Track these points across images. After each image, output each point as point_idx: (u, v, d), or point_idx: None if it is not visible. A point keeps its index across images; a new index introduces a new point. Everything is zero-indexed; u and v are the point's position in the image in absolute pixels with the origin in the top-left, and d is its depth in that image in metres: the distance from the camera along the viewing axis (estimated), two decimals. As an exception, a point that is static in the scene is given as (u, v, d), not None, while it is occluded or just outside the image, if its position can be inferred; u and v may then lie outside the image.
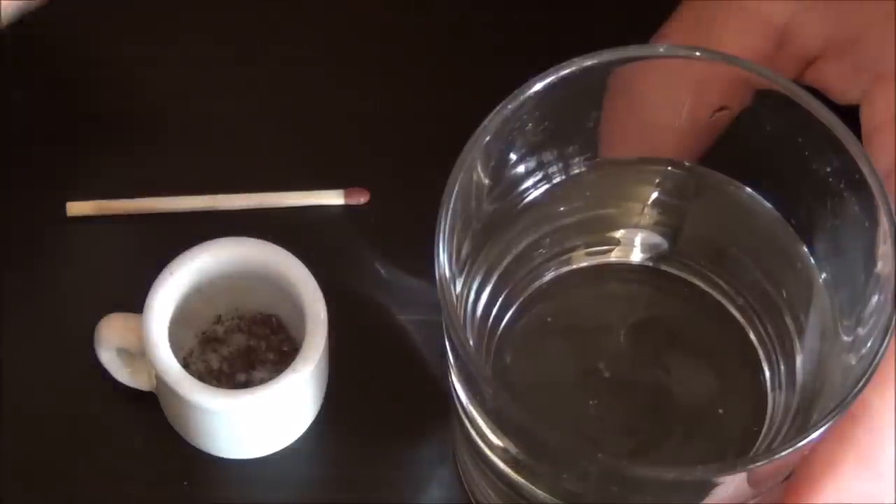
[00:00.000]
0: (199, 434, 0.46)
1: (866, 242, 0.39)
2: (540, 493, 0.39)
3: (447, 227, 0.38)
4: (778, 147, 0.41)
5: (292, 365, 0.43)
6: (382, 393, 0.46)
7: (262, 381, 0.44)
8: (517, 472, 0.39)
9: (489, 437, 0.39)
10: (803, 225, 0.41)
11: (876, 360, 0.36)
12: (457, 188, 0.38)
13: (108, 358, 0.45)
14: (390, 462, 0.46)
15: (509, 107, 0.39)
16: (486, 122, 0.39)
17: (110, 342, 0.45)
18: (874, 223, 0.38)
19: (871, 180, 0.38)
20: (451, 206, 0.38)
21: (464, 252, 0.40)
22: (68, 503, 0.46)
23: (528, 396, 0.37)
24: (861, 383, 0.36)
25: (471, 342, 0.37)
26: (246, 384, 0.46)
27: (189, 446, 0.46)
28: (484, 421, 0.38)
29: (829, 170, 0.40)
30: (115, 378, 0.46)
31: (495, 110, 0.39)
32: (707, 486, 0.36)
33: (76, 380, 0.47)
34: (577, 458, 0.35)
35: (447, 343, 0.38)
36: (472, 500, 0.44)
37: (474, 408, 0.38)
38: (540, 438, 0.35)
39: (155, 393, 0.46)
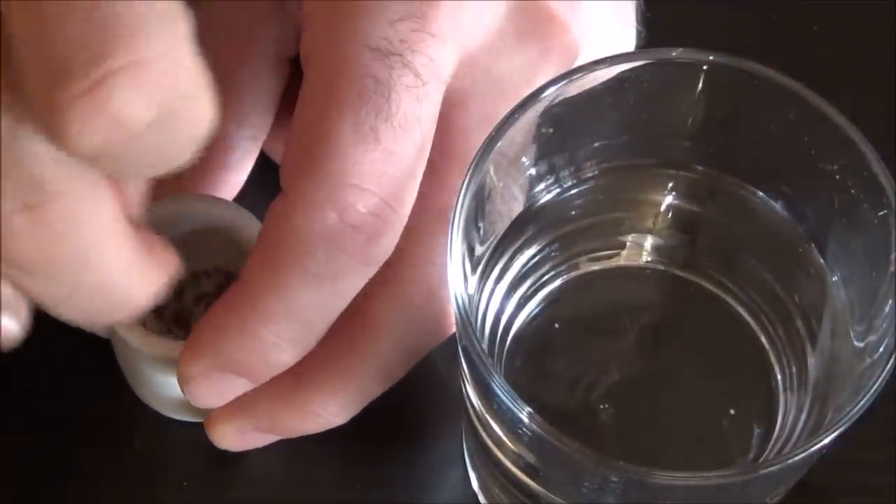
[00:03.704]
0: (136, 383, 0.45)
1: (878, 243, 0.39)
2: (556, 500, 0.39)
3: (460, 228, 0.38)
4: (785, 147, 0.41)
5: None
6: (389, 391, 0.45)
7: None
8: (532, 478, 0.39)
9: (503, 444, 0.39)
10: (814, 227, 0.41)
11: (888, 366, 0.37)
12: (470, 190, 0.38)
13: None
14: (397, 462, 0.46)
15: (522, 111, 0.39)
16: (499, 125, 0.39)
17: None
18: (885, 222, 0.38)
19: (881, 178, 0.38)
20: (464, 208, 0.38)
21: (476, 254, 0.40)
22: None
23: (539, 402, 0.37)
24: (873, 389, 0.36)
25: (484, 347, 0.37)
26: None
27: (189, 446, 0.46)
28: (499, 428, 0.38)
29: (836, 167, 0.40)
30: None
31: (508, 114, 0.39)
32: (725, 488, 0.36)
33: (74, 379, 0.46)
34: (597, 468, 0.35)
35: (459, 348, 0.38)
36: (482, 502, 0.44)
37: (489, 415, 0.38)
38: (558, 448, 0.35)
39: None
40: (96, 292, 0.31)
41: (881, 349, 0.37)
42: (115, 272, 0.31)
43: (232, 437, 0.44)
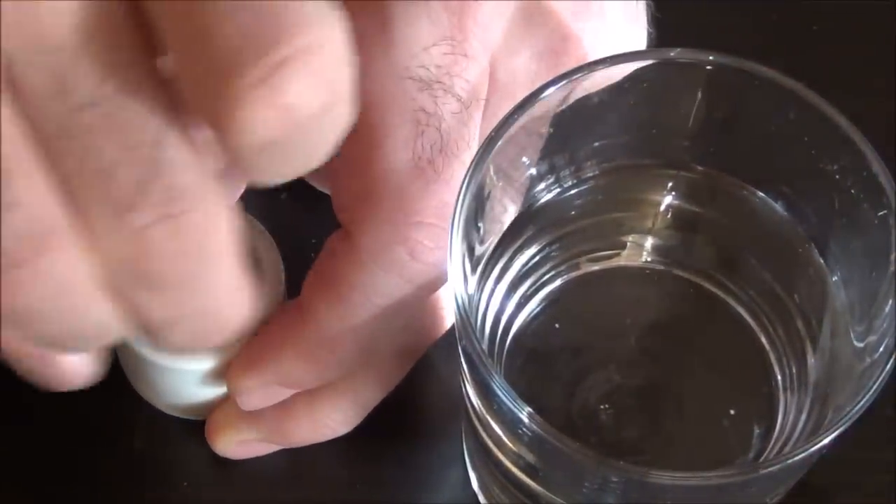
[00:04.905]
0: (137, 380, 0.46)
1: (878, 243, 0.39)
2: (556, 500, 0.39)
3: (460, 228, 0.38)
4: (785, 147, 0.41)
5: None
6: (389, 391, 0.46)
7: None
8: (532, 478, 0.39)
9: (503, 444, 0.39)
10: (814, 227, 0.41)
11: (888, 366, 0.37)
12: (470, 191, 0.38)
13: None
14: (397, 462, 0.46)
15: (522, 111, 0.39)
16: (499, 125, 0.39)
17: None
18: (885, 222, 0.38)
19: (881, 178, 0.38)
20: (464, 208, 0.38)
21: (476, 254, 0.40)
22: (65, 504, 0.46)
23: (539, 402, 0.37)
24: (873, 389, 0.36)
25: (484, 347, 0.37)
26: None
27: (189, 446, 0.46)
28: (499, 428, 0.38)
29: (836, 167, 0.40)
30: None
31: (508, 114, 0.39)
32: (725, 488, 0.36)
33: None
34: (597, 468, 0.35)
35: (459, 348, 0.38)
36: (482, 502, 0.44)
37: (489, 415, 0.38)
38: (558, 448, 0.35)
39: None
40: (207, 313, 0.30)
41: (881, 349, 0.37)
42: (225, 292, 0.30)
43: (236, 447, 0.45)
